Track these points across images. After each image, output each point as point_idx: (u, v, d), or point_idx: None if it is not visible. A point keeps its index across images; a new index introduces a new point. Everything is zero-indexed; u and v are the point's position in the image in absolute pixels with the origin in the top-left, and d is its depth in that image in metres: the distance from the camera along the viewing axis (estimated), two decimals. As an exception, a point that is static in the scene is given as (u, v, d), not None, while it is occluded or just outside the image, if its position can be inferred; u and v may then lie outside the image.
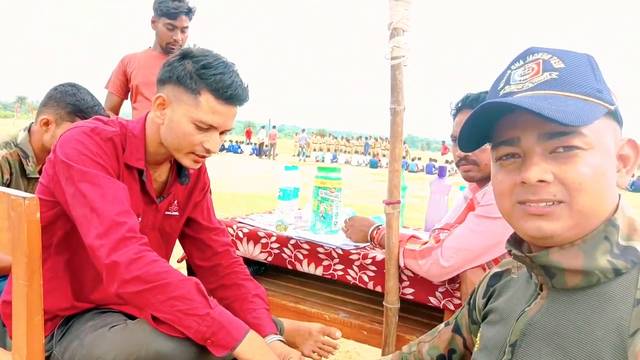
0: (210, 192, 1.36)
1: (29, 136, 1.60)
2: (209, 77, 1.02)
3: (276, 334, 1.14)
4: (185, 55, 1.05)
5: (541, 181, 0.58)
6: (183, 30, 2.40)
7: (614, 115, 0.61)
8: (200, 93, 1.03)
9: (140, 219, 1.12)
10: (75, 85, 1.61)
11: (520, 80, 0.62)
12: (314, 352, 1.26)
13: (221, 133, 1.10)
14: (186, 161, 1.09)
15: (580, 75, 0.59)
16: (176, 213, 1.24)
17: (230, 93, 1.04)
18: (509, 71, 0.65)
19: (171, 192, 1.21)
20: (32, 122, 1.63)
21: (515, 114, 0.61)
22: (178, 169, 1.21)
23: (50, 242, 1.06)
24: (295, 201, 1.99)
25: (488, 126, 0.65)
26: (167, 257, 1.29)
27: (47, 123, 1.56)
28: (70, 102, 1.56)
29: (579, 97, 0.58)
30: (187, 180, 1.22)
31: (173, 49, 2.37)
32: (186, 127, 1.05)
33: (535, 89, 0.60)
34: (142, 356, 0.95)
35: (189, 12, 2.38)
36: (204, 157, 1.10)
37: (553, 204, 0.59)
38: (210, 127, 1.06)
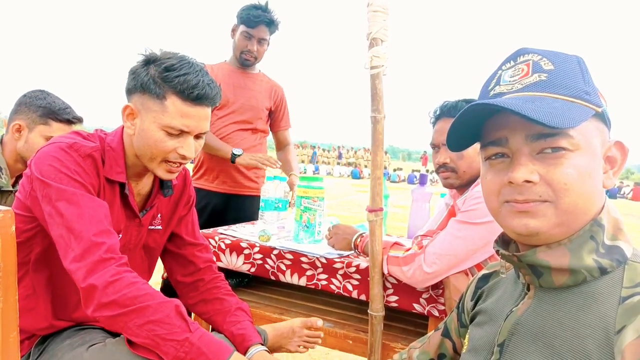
0: (195, 206, 1.33)
1: (1, 148, 1.57)
2: (172, 79, 0.98)
3: (262, 344, 1.13)
4: (149, 61, 1.01)
5: (527, 181, 0.60)
6: (260, 41, 2.18)
7: (602, 117, 0.62)
8: (166, 97, 0.99)
9: (121, 235, 1.09)
10: (43, 91, 1.59)
11: (510, 81, 0.64)
12: (299, 346, 1.27)
13: (197, 137, 1.05)
14: (159, 171, 1.05)
15: (569, 77, 0.61)
16: (159, 227, 1.21)
17: (197, 93, 0.98)
18: (499, 72, 0.66)
19: (154, 205, 1.17)
20: (4, 134, 1.60)
21: (503, 115, 0.62)
22: (161, 181, 1.18)
23: (28, 259, 1.03)
24: (283, 213, 1.99)
25: (477, 126, 0.67)
26: (150, 272, 1.26)
27: (19, 129, 1.54)
28: (41, 105, 1.55)
29: (566, 99, 0.60)
30: (170, 192, 1.17)
31: (247, 60, 2.19)
32: (156, 134, 1.00)
33: (524, 90, 0.62)
34: None
35: (271, 23, 2.16)
36: (179, 164, 1.05)
37: (539, 202, 0.60)
38: (181, 132, 1.01)
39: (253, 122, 2.22)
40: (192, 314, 1.33)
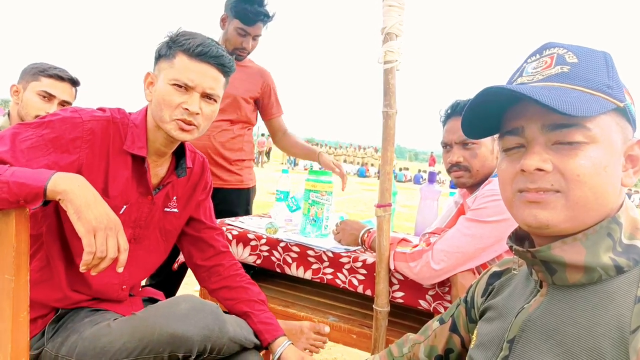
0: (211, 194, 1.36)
1: (9, 121, 1.65)
2: (182, 42, 1.07)
3: (286, 336, 1.20)
4: (170, 37, 1.11)
5: (540, 170, 0.59)
6: (255, 37, 2.05)
7: (624, 114, 0.61)
8: (175, 56, 1.07)
9: (125, 207, 1.11)
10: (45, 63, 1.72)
11: (532, 73, 0.64)
12: (305, 349, 1.30)
13: (206, 98, 1.09)
14: (173, 130, 1.07)
15: (592, 71, 0.60)
16: (175, 210, 1.24)
17: (200, 49, 1.06)
18: (524, 64, 0.66)
19: (167, 184, 1.19)
20: (10, 108, 1.70)
21: (521, 105, 0.62)
22: (176, 164, 1.21)
23: (41, 232, 1.05)
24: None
25: (495, 117, 0.66)
26: (165, 253, 1.28)
27: (17, 91, 1.66)
28: (34, 67, 1.67)
29: (586, 91, 0.59)
30: (184, 173, 1.20)
31: (240, 56, 2.06)
32: (165, 90, 1.06)
33: (544, 81, 0.61)
34: (154, 340, 0.96)
35: (267, 19, 2.02)
36: (189, 123, 1.07)
37: (550, 192, 0.59)
38: (187, 87, 1.06)
39: (231, 113, 2.08)
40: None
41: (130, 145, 1.09)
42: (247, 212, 2.19)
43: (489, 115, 0.66)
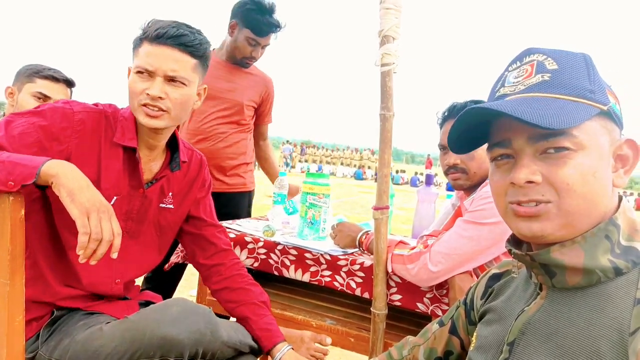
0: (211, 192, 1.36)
1: None
2: (146, 30, 1.07)
3: (286, 341, 1.19)
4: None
5: (530, 182, 0.60)
6: (264, 47, 2.07)
7: (609, 115, 0.61)
8: (141, 45, 1.07)
9: (115, 198, 1.10)
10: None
11: (513, 83, 0.64)
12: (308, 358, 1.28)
13: (171, 81, 1.06)
14: (140, 116, 1.07)
15: (573, 77, 0.60)
16: (171, 206, 1.23)
17: (158, 32, 1.04)
18: (506, 73, 0.66)
19: (162, 178, 1.19)
20: (5, 110, 1.70)
21: (506, 118, 0.62)
22: (170, 158, 1.21)
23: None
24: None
25: (484, 128, 0.67)
26: (160, 251, 1.27)
27: (11, 93, 1.66)
28: (29, 68, 1.66)
29: (568, 99, 0.59)
30: (177, 167, 1.20)
31: (248, 64, 2.08)
32: (131, 79, 1.07)
33: (526, 92, 0.61)
34: (144, 343, 0.95)
35: (279, 29, 2.04)
36: (154, 107, 1.05)
37: (542, 204, 0.60)
38: (149, 73, 1.05)
39: (236, 118, 2.10)
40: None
41: (120, 137, 1.09)
42: (249, 214, 2.24)
43: (476, 127, 0.66)
